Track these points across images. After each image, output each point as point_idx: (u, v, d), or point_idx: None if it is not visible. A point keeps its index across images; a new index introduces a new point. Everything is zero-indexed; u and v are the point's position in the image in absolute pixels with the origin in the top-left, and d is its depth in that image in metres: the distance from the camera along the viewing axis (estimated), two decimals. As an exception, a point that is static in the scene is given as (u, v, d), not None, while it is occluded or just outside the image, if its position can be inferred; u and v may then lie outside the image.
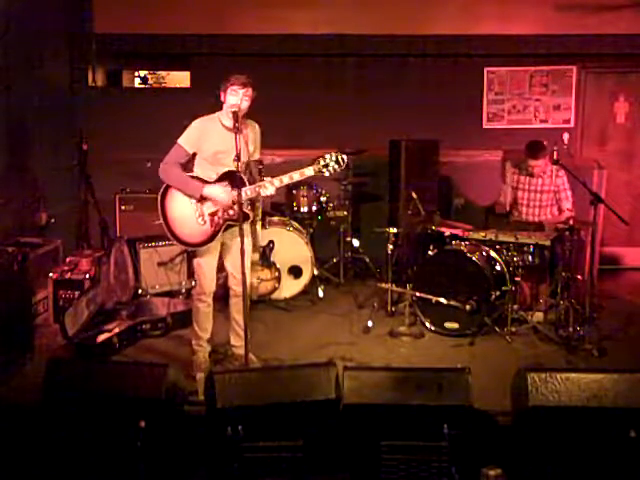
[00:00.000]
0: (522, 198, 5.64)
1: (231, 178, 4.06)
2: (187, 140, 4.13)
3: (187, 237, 4.20)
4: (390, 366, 4.25)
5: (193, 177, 4.17)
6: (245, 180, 4.11)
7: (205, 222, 4.16)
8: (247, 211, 4.14)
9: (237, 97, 4.01)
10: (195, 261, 4.31)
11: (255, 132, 4.30)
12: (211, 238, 4.18)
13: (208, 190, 4.11)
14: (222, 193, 4.09)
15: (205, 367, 4.27)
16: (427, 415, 3.20)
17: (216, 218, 4.16)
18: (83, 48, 6.97)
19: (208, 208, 4.16)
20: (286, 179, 4.10)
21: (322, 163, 4.02)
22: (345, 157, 4.04)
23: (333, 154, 4.02)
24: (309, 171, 4.05)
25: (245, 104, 4.05)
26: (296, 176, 4.08)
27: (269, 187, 4.06)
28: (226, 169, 4.10)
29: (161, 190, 4.20)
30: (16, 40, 5.62)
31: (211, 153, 4.14)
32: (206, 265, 4.26)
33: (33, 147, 5.93)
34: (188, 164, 4.23)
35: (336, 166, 4.02)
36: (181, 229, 4.19)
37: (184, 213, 4.17)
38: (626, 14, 6.71)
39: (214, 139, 4.12)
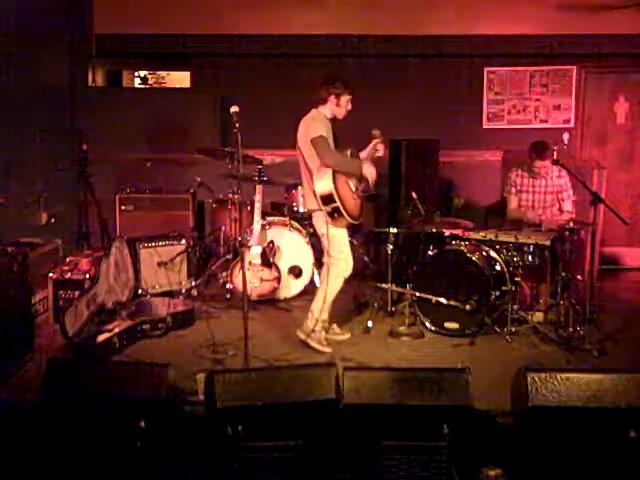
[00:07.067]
0: (527, 200, 5.62)
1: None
2: (323, 129, 4.48)
3: (355, 214, 4.56)
4: (390, 366, 4.24)
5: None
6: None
7: (356, 197, 4.59)
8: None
9: (348, 107, 4.65)
10: (339, 241, 4.57)
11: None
12: (362, 210, 4.65)
13: (363, 164, 4.62)
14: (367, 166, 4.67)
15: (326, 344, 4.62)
16: (427, 415, 3.21)
17: (359, 192, 4.64)
18: (83, 48, 6.98)
19: (354, 184, 4.60)
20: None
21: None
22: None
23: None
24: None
25: None
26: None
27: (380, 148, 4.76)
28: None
29: (331, 177, 4.39)
30: (16, 40, 5.63)
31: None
32: (348, 244, 4.64)
33: (33, 147, 5.93)
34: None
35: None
36: (351, 208, 4.51)
37: (347, 192, 4.52)
38: (626, 14, 6.72)
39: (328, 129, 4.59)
